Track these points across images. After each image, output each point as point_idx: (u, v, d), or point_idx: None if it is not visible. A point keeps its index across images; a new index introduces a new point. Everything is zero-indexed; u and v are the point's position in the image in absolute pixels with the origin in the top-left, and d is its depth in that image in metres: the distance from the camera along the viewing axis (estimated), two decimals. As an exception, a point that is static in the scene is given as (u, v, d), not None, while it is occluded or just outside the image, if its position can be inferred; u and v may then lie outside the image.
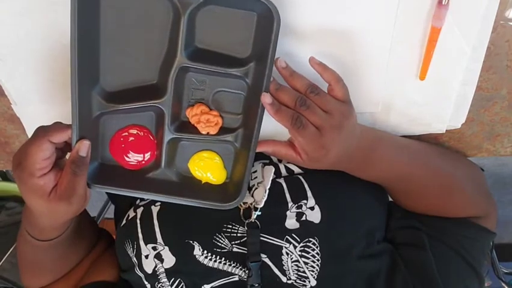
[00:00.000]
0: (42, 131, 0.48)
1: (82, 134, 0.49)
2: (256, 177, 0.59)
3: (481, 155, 0.69)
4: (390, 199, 0.67)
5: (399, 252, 0.59)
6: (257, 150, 0.51)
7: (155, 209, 0.59)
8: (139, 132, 0.53)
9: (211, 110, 0.53)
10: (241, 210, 0.57)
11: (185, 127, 0.53)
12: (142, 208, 0.60)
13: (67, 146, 0.51)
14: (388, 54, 0.56)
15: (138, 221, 0.59)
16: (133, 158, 0.54)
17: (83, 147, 0.49)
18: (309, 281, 0.53)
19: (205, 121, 0.52)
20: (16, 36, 0.56)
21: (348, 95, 0.50)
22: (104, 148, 0.54)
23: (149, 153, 0.54)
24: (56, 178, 0.49)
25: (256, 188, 0.58)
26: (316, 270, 0.53)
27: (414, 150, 0.61)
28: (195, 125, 0.53)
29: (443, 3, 0.50)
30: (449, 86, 0.58)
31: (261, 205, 0.55)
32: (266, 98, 0.47)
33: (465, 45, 0.54)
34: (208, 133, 0.53)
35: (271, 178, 0.57)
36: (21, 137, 0.67)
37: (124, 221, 0.63)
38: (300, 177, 0.59)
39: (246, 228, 0.56)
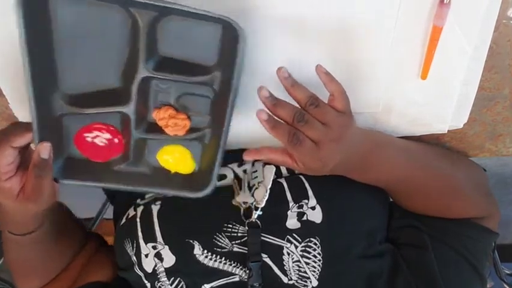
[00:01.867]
0: (2, 137, 0.48)
1: (43, 135, 0.49)
2: (256, 176, 0.59)
3: (483, 155, 0.69)
4: (391, 199, 0.66)
5: (401, 252, 0.59)
6: (253, 158, 0.50)
7: (155, 208, 0.59)
8: (103, 127, 0.53)
9: (178, 112, 0.52)
10: (242, 210, 0.56)
11: (153, 128, 0.53)
12: (142, 207, 0.60)
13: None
14: (389, 53, 0.55)
15: (138, 220, 0.59)
16: (100, 141, 0.53)
17: (44, 150, 0.48)
18: (311, 281, 0.53)
19: (173, 125, 0.52)
20: (12, 35, 0.55)
21: (349, 106, 0.49)
22: (69, 142, 0.53)
23: (116, 139, 0.53)
24: (22, 180, 0.50)
25: (256, 188, 0.57)
26: (318, 270, 0.53)
27: (414, 152, 0.61)
28: (163, 128, 0.53)
29: (445, 2, 0.50)
30: (451, 85, 0.58)
31: (262, 205, 0.55)
32: (262, 115, 0.45)
33: (467, 45, 0.54)
34: (176, 135, 0.53)
35: (272, 178, 0.57)
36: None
37: (124, 220, 0.62)
38: (301, 176, 0.59)
39: (246, 227, 0.55)
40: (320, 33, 0.54)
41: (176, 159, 0.55)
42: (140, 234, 0.58)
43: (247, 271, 0.54)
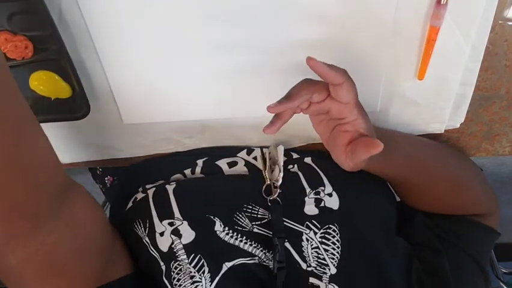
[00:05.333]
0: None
1: None
2: (271, 158, 0.60)
3: (479, 154, 0.69)
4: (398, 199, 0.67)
5: (414, 249, 0.59)
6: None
7: (170, 187, 0.57)
8: None
9: (16, 35, 0.52)
10: (263, 188, 0.57)
11: None
12: (154, 189, 0.58)
13: None
14: (386, 54, 0.55)
15: (151, 199, 0.56)
16: None
17: None
18: (329, 269, 0.52)
19: (14, 48, 0.52)
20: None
21: None
22: None
23: None
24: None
25: (273, 170, 0.58)
26: (337, 258, 0.53)
27: (426, 143, 0.62)
28: (6, 53, 0.52)
29: (442, 2, 0.50)
30: (448, 85, 0.58)
31: (279, 182, 0.56)
32: (269, 109, 0.46)
33: (464, 45, 0.54)
34: (23, 58, 0.53)
35: (282, 153, 0.58)
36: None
37: (131, 204, 0.59)
38: (313, 164, 0.59)
39: (269, 204, 0.55)
40: (317, 34, 0.54)
41: (47, 84, 0.56)
42: (154, 212, 0.54)
43: (267, 253, 0.53)
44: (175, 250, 0.51)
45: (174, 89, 0.59)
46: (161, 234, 0.53)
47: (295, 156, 0.62)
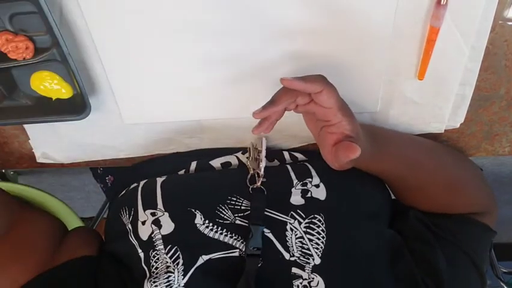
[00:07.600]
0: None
1: None
2: (256, 148, 0.62)
3: (479, 154, 0.69)
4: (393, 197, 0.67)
5: (406, 243, 0.58)
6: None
7: (159, 180, 0.59)
8: None
9: (17, 35, 0.53)
10: (249, 176, 0.58)
11: (1, 57, 0.54)
12: (145, 180, 0.60)
13: None
14: (387, 54, 0.56)
15: (139, 189, 0.58)
16: None
17: None
18: (313, 259, 0.52)
19: (14, 48, 0.52)
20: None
21: None
22: None
23: None
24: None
25: (260, 161, 0.59)
26: (321, 247, 0.53)
27: (422, 143, 0.62)
28: (7, 54, 0.53)
29: (442, 3, 0.50)
30: (448, 85, 0.58)
31: (262, 171, 0.57)
32: (254, 114, 0.48)
33: (463, 45, 0.55)
34: (24, 58, 0.53)
35: (265, 145, 0.60)
36: (21, 137, 0.67)
37: (124, 192, 0.61)
38: (306, 163, 0.60)
39: (251, 192, 0.56)
40: (317, 35, 0.54)
41: (49, 84, 0.56)
42: (139, 201, 0.56)
43: (244, 243, 0.53)
44: (153, 240, 0.53)
45: (174, 89, 0.59)
46: (143, 223, 0.55)
47: (288, 159, 0.63)
